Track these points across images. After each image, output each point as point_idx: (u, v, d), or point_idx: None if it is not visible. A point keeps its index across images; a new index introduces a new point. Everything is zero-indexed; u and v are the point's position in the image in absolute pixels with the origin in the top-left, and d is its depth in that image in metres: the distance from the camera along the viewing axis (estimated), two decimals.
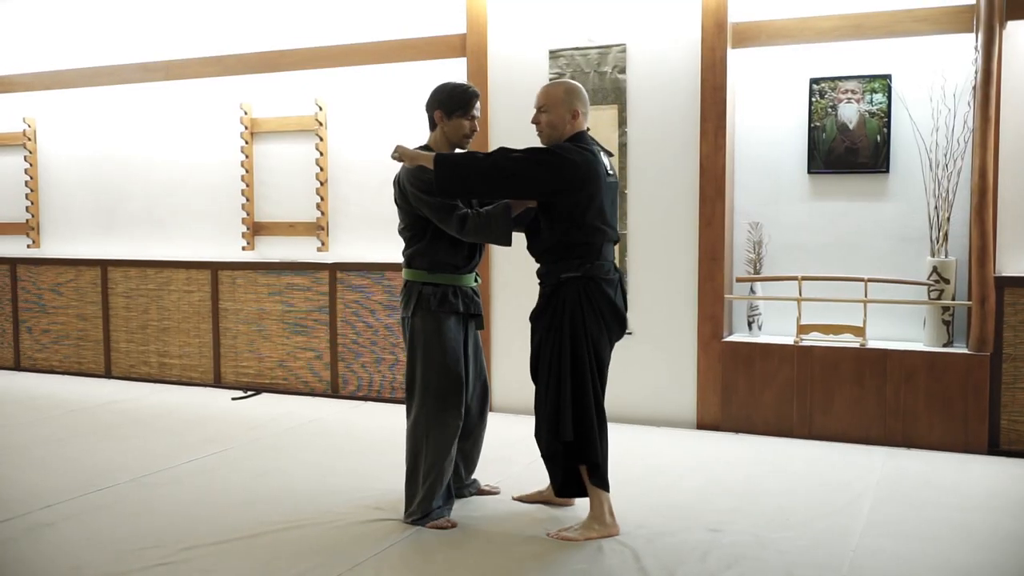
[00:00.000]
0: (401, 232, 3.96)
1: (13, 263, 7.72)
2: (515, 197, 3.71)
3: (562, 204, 3.65)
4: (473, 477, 4.28)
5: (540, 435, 3.78)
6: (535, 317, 3.81)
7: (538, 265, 3.84)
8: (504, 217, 3.74)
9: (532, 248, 3.84)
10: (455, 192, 3.67)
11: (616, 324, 3.79)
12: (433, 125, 3.96)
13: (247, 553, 3.59)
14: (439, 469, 3.84)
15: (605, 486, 3.75)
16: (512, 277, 5.84)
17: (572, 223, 3.66)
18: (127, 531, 3.84)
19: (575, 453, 3.72)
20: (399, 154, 3.75)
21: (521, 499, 4.18)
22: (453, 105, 3.88)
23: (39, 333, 7.64)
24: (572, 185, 3.62)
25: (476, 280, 4.02)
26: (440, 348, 3.85)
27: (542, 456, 3.84)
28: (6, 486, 4.47)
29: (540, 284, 3.83)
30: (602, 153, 3.78)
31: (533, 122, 3.81)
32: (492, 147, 5.77)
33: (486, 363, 4.21)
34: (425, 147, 3.95)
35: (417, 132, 5.88)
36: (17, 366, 7.74)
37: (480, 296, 4.05)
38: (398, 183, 3.89)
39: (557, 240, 3.68)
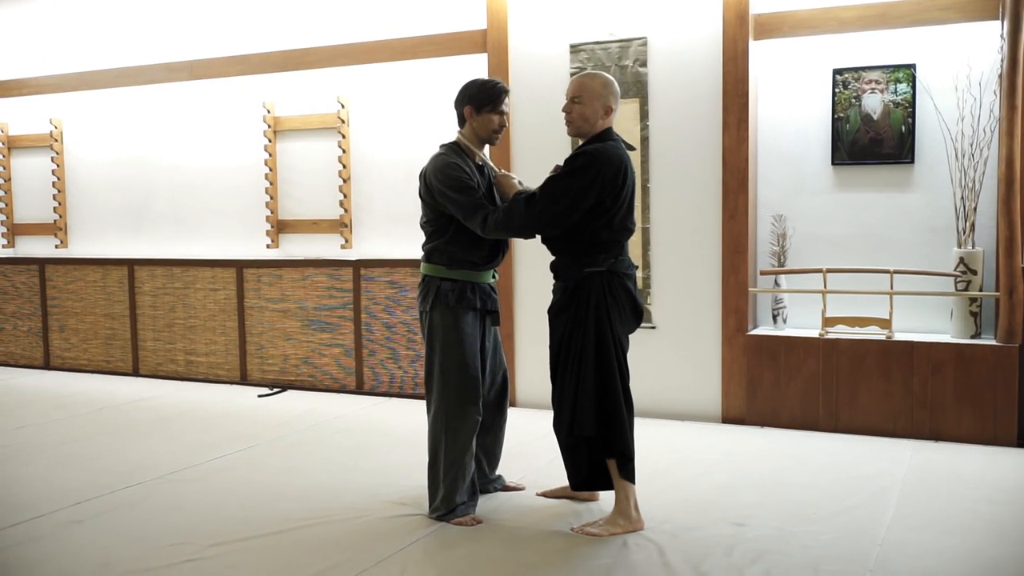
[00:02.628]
0: (423, 225, 3.97)
1: (42, 263, 7.81)
2: (571, 215, 3.64)
3: (603, 204, 3.64)
4: (498, 473, 4.28)
5: (561, 428, 3.78)
6: (556, 312, 3.80)
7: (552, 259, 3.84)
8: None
9: (554, 241, 3.82)
10: (523, 224, 3.68)
11: (634, 318, 3.82)
12: (462, 121, 3.96)
13: (273, 549, 3.62)
14: (460, 464, 3.85)
15: (632, 478, 3.75)
16: (535, 274, 5.83)
17: (606, 222, 3.67)
18: (155, 528, 3.87)
19: (604, 446, 3.71)
20: (500, 176, 3.92)
21: (546, 494, 4.18)
22: (482, 100, 3.88)
23: (68, 332, 7.72)
24: (614, 185, 3.63)
25: (494, 277, 4.03)
26: (458, 344, 3.85)
27: (562, 449, 3.84)
28: (36, 484, 4.53)
29: (558, 278, 3.82)
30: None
31: (564, 110, 3.79)
32: (512, 140, 5.80)
33: (508, 359, 4.21)
34: (454, 143, 3.95)
35: (439, 128, 5.91)
36: (47, 365, 7.82)
37: (497, 293, 4.05)
38: (424, 178, 3.90)
39: (587, 237, 3.69)
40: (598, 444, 3.72)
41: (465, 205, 3.76)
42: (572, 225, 3.67)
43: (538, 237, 3.85)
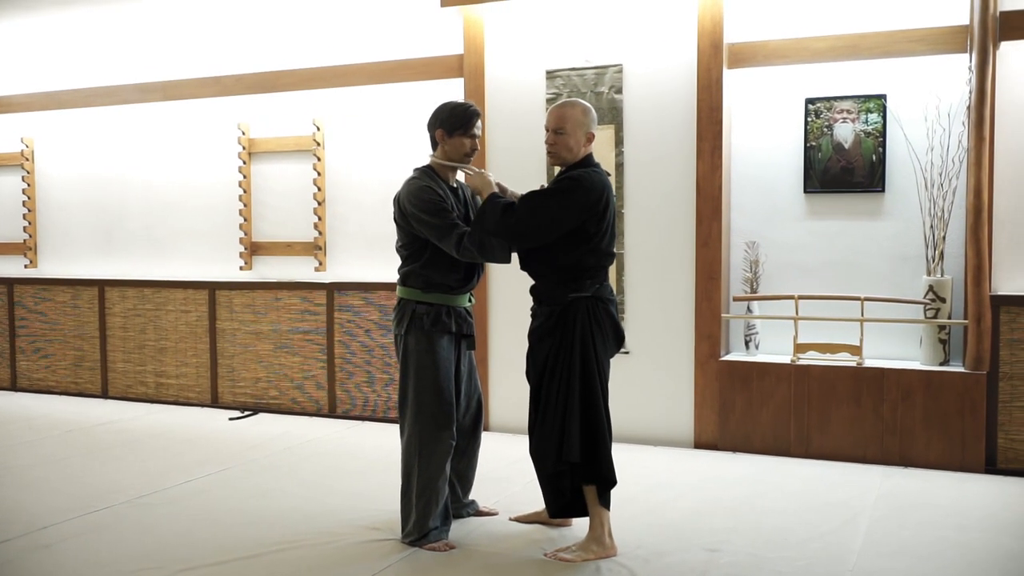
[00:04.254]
0: (399, 249, 3.98)
1: (10, 283, 7.73)
2: (547, 233, 3.66)
3: (585, 229, 3.67)
4: (471, 498, 4.27)
5: (545, 455, 3.74)
6: (540, 336, 3.79)
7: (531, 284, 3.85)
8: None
9: (535, 268, 3.82)
10: (495, 230, 3.68)
11: (616, 343, 3.84)
12: (435, 144, 3.98)
13: (245, 574, 3.58)
14: (433, 488, 3.83)
15: (608, 505, 3.76)
16: (510, 298, 5.84)
17: (590, 247, 3.70)
18: (125, 552, 3.83)
19: (588, 471, 3.71)
20: (475, 175, 3.86)
21: (519, 519, 4.17)
22: (454, 124, 3.90)
23: (36, 353, 7.63)
24: (596, 211, 3.66)
25: (470, 300, 4.03)
26: (433, 367, 3.85)
27: (543, 475, 3.80)
28: (3, 507, 4.46)
29: (541, 303, 3.82)
30: None
31: (547, 142, 3.80)
32: (488, 165, 5.81)
33: (482, 383, 4.21)
34: (428, 167, 3.97)
35: (415, 152, 5.93)
36: (14, 386, 7.72)
37: (473, 317, 4.05)
38: (398, 202, 3.91)
39: (573, 262, 3.70)
40: (582, 470, 3.71)
41: (439, 227, 3.76)
42: (554, 249, 3.69)
43: (516, 262, 3.86)
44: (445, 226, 3.76)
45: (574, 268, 3.71)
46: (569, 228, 3.65)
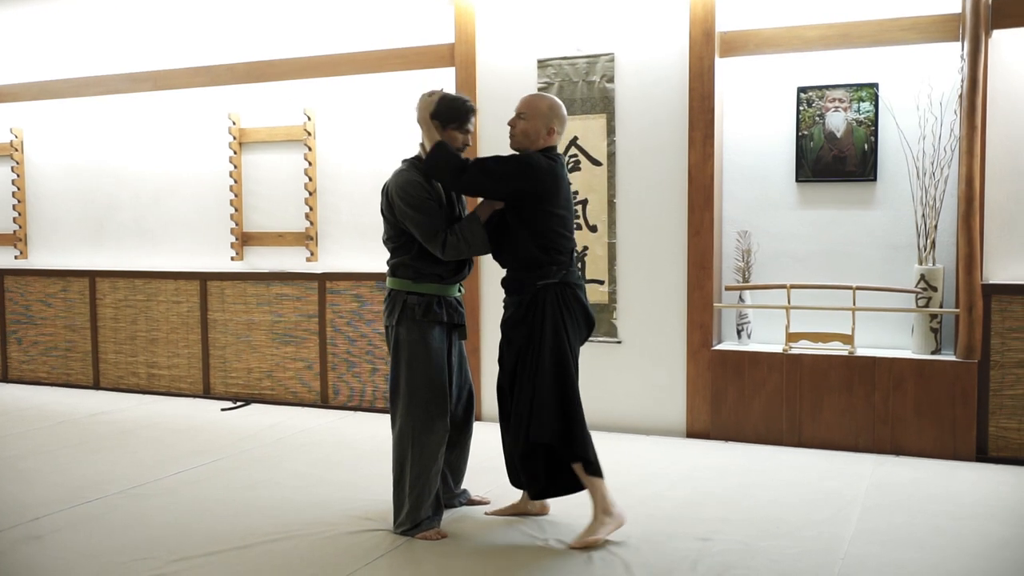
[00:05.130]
0: (386, 242, 3.97)
1: (1, 274, 7.69)
2: (488, 193, 3.82)
3: (534, 212, 3.74)
4: (463, 487, 4.27)
5: (517, 437, 3.78)
6: (512, 325, 3.86)
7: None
8: (480, 231, 3.83)
9: (504, 259, 3.91)
10: (438, 175, 3.79)
11: (586, 327, 3.90)
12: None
13: (237, 564, 3.58)
14: (425, 479, 3.83)
15: (600, 474, 3.78)
16: (501, 288, 5.82)
17: (546, 233, 3.76)
18: (116, 543, 3.82)
19: (568, 452, 3.73)
20: (420, 118, 3.88)
21: (496, 513, 4.16)
22: (449, 117, 3.89)
23: (27, 344, 7.61)
24: (539, 188, 3.73)
25: (460, 290, 4.03)
26: (425, 358, 3.85)
27: (518, 458, 3.82)
28: None
29: (510, 293, 3.89)
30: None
31: (509, 124, 3.89)
32: (478, 154, 5.78)
33: (473, 373, 4.21)
34: (416, 158, 3.95)
35: (406, 142, 5.91)
36: (5, 378, 7.70)
37: (464, 306, 4.05)
38: (386, 194, 3.89)
39: (534, 250, 3.76)
40: (562, 451, 3.74)
41: (424, 226, 3.78)
42: (518, 239, 3.78)
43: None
44: (431, 227, 3.78)
45: (536, 256, 3.76)
46: (509, 194, 3.76)
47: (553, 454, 3.78)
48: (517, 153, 3.86)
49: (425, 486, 3.84)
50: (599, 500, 3.76)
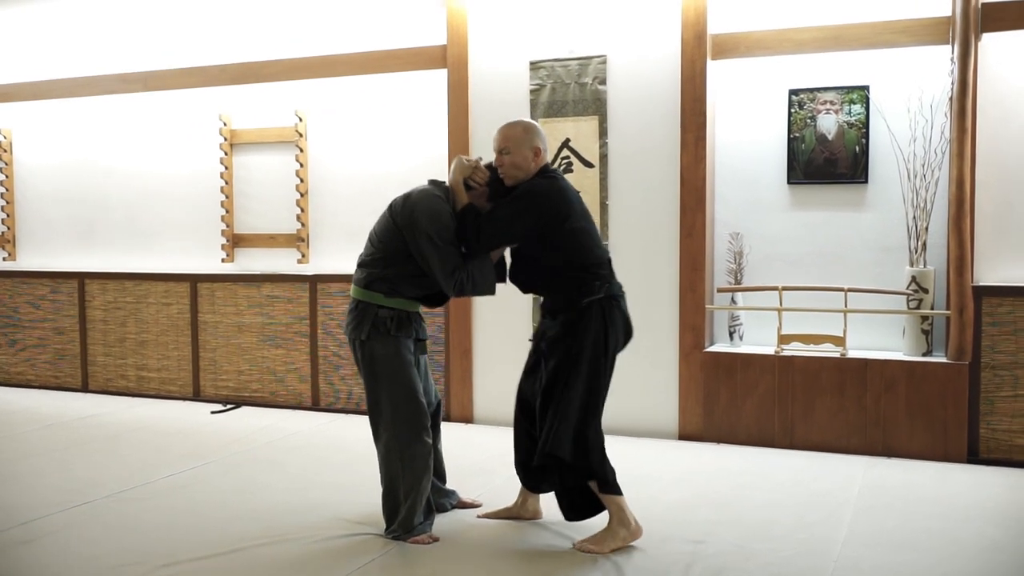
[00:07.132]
0: (369, 257, 3.89)
1: None
2: (509, 239, 3.80)
3: (560, 235, 3.70)
4: (452, 489, 4.25)
5: (557, 456, 3.68)
6: (553, 340, 3.76)
7: (532, 296, 3.89)
8: (490, 274, 3.84)
9: (540, 284, 3.88)
10: (462, 236, 3.77)
11: (625, 337, 3.86)
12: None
13: (227, 569, 3.56)
14: (418, 488, 3.81)
15: (618, 491, 3.75)
16: (494, 297, 5.81)
17: (579, 251, 3.73)
18: (106, 548, 3.79)
19: (581, 467, 3.69)
20: (453, 180, 3.85)
21: (489, 516, 4.14)
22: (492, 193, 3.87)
23: (15, 347, 7.56)
24: (553, 210, 3.70)
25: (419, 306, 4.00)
26: (404, 372, 3.81)
27: (556, 475, 3.78)
28: None
29: (555, 315, 3.79)
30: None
31: (496, 164, 3.84)
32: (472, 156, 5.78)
33: (466, 375, 4.20)
34: (445, 186, 3.89)
35: (398, 143, 5.91)
36: None
37: (424, 321, 4.04)
38: (402, 212, 3.78)
39: (575, 271, 3.71)
40: (575, 466, 3.70)
41: (447, 263, 3.70)
42: (553, 261, 3.73)
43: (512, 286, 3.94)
44: (453, 265, 3.71)
45: (580, 276, 3.72)
46: (528, 232, 3.72)
47: (570, 474, 3.73)
48: (515, 191, 3.78)
49: (418, 495, 3.82)
50: (615, 511, 3.73)
